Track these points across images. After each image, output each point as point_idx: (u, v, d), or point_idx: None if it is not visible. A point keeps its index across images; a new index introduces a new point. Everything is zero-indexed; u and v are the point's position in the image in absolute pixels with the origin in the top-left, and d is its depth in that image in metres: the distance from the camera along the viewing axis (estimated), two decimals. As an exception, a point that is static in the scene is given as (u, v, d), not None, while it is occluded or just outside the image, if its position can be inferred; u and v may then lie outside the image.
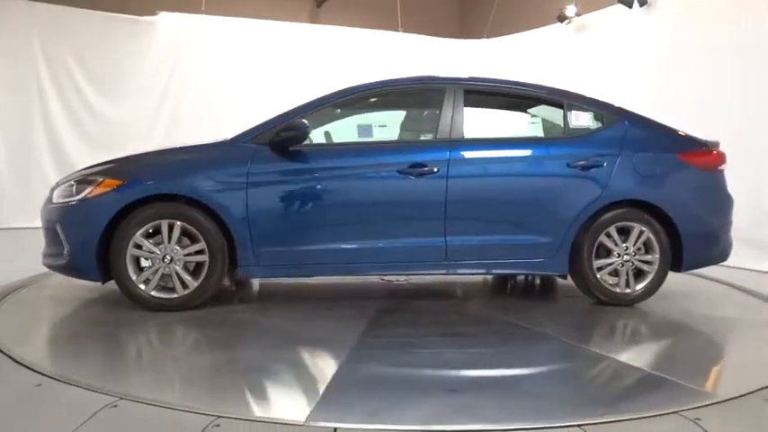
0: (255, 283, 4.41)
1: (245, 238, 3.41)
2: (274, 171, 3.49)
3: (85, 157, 7.28)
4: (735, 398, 2.38)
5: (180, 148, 3.85)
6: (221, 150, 3.58)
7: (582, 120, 3.81)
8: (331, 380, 2.46)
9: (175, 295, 3.39)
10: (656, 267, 3.70)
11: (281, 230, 3.48)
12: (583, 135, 3.77)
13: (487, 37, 9.23)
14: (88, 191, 3.38)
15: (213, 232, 3.38)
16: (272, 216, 3.46)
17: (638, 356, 3.00)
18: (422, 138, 3.98)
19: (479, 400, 2.31)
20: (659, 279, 3.73)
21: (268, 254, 3.47)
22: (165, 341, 3.11)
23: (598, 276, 3.69)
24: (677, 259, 3.74)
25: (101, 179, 3.40)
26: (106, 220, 3.31)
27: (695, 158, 3.75)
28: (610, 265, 3.69)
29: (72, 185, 3.48)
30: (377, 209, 3.55)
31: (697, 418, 2.15)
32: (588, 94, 3.96)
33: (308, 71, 7.98)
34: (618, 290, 3.73)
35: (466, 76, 4.05)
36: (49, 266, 3.59)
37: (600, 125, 3.80)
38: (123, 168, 3.52)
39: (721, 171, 3.84)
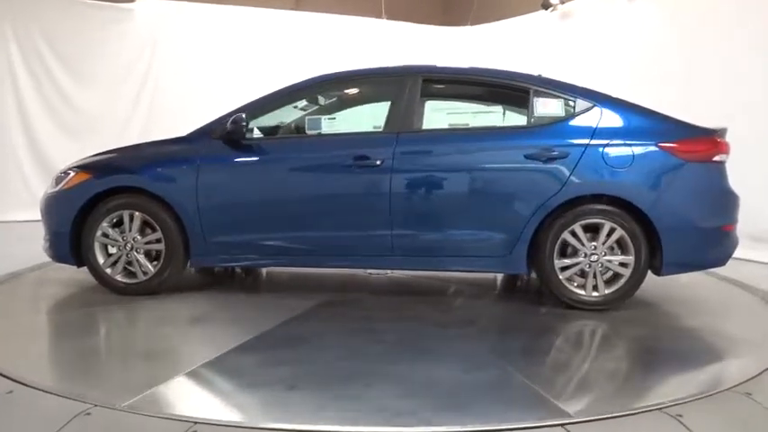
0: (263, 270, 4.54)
1: (196, 228, 3.57)
2: (223, 164, 3.63)
3: (61, 147, 7.22)
4: (716, 393, 2.38)
5: (146, 143, 4.03)
6: (177, 145, 3.74)
7: (549, 107, 3.53)
8: (195, 368, 2.52)
9: (137, 280, 3.63)
10: (629, 270, 3.40)
11: (230, 221, 3.60)
12: (547, 124, 3.51)
13: (471, 24, 9.14)
14: (63, 183, 3.68)
15: (168, 222, 3.58)
16: (221, 207, 3.58)
17: (569, 362, 2.82)
18: (373, 129, 3.88)
19: (305, 398, 2.28)
20: (634, 282, 3.42)
21: (218, 244, 3.60)
22: (132, 336, 3.19)
23: (561, 277, 3.44)
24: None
25: (74, 172, 3.70)
26: (75, 210, 3.59)
27: (679, 148, 3.37)
28: (576, 265, 3.42)
29: (55, 178, 3.79)
30: (321, 202, 3.56)
31: (679, 415, 2.14)
32: (566, 80, 3.69)
33: (291, 59, 7.84)
34: (583, 293, 3.45)
35: (426, 63, 3.90)
36: (45, 252, 3.80)
37: (570, 113, 3.52)
38: (93, 162, 3.77)
39: (718, 163, 3.43)
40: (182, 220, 3.57)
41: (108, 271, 3.62)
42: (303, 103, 4.01)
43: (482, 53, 8.25)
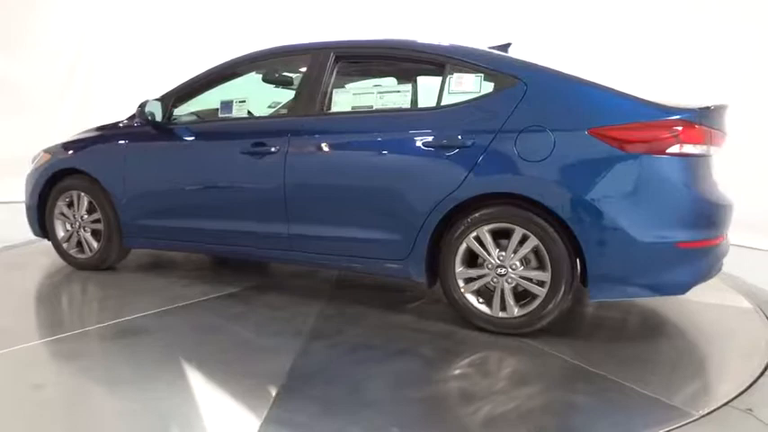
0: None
1: (125, 211, 3.70)
2: (144, 149, 3.71)
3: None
4: (714, 411, 2.18)
5: (95, 127, 4.06)
6: (116, 129, 3.84)
7: (465, 85, 2.91)
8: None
9: (85, 256, 3.92)
10: (546, 288, 2.72)
11: (147, 205, 3.67)
12: (456, 106, 2.91)
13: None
14: (35, 163, 4.06)
15: (105, 204, 3.76)
16: (141, 191, 3.67)
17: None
18: (276, 113, 3.72)
19: (50, 404, 2.21)
20: (553, 303, 2.71)
21: (140, 227, 3.71)
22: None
23: (462, 291, 2.87)
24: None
25: (42, 153, 4.05)
26: (39, 189, 3.96)
27: (616, 135, 2.59)
28: (482, 277, 2.83)
29: (32, 157, 4.14)
30: (223, 190, 3.47)
31: (682, 440, 1.94)
32: (495, 52, 3.10)
33: (234, 31, 7.24)
34: (490, 312, 2.83)
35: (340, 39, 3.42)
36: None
37: (489, 90, 2.89)
38: (56, 145, 4.03)
39: (680, 156, 2.60)
40: (113, 202, 3.70)
41: (65, 246, 3.95)
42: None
43: (457, 21, 7.85)
